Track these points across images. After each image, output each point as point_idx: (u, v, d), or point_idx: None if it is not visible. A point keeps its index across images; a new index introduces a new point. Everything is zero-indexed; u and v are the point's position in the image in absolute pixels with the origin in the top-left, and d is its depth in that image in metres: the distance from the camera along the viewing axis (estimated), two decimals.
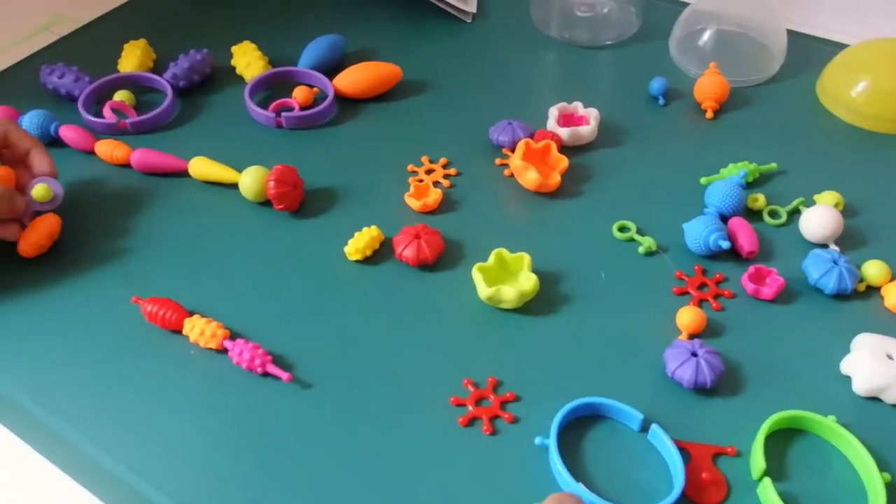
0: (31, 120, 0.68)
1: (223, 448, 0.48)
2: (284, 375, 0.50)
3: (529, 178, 0.62)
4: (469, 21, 0.83)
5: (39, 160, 0.60)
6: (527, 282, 0.54)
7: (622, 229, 0.60)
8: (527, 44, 0.79)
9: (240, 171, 0.63)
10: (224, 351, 0.53)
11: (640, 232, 0.59)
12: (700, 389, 0.49)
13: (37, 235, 0.58)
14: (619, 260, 0.58)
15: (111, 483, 0.47)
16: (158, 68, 0.76)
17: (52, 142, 0.68)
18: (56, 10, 0.86)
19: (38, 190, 0.58)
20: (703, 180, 0.62)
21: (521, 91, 0.74)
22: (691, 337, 0.52)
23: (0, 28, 0.84)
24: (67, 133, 0.67)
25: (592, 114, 0.67)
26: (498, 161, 0.66)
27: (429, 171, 0.65)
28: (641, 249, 0.58)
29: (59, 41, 0.82)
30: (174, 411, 0.50)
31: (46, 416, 0.50)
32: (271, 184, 0.60)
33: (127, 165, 0.66)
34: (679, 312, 0.52)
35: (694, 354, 0.49)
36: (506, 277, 0.56)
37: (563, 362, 0.51)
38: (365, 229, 0.59)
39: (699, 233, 0.56)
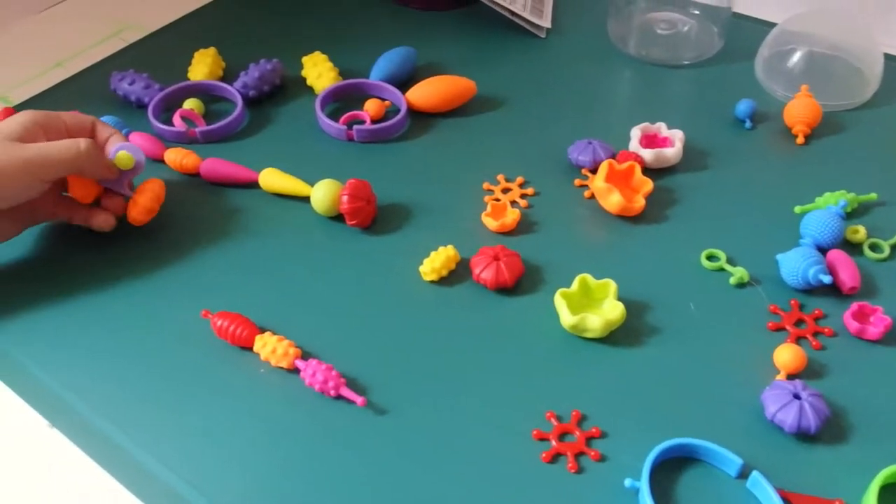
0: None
1: (290, 471, 0.46)
2: (359, 400, 0.48)
3: (613, 200, 0.59)
4: (543, 36, 0.81)
5: (105, 128, 0.60)
6: (613, 310, 0.51)
7: (711, 258, 0.57)
8: (603, 60, 0.77)
9: (310, 183, 0.62)
10: (295, 371, 0.51)
11: (730, 261, 0.56)
12: (803, 435, 0.46)
13: (145, 199, 0.58)
14: (709, 290, 0.55)
15: (170, 498, 0.45)
16: (228, 77, 0.75)
17: None
18: (126, 17, 0.86)
19: (121, 157, 0.58)
20: (797, 209, 0.59)
21: (599, 109, 0.71)
22: (790, 377, 0.49)
23: (70, 34, 0.83)
24: (138, 140, 0.66)
25: (677, 135, 0.64)
26: (577, 182, 0.63)
27: (505, 191, 0.63)
28: (732, 280, 0.55)
29: (128, 48, 0.81)
30: (242, 430, 0.48)
31: (106, 425, 0.48)
32: (345, 198, 0.58)
33: (196, 175, 0.65)
34: (777, 350, 0.49)
35: (797, 397, 0.46)
36: (589, 305, 0.53)
37: (651, 398, 0.48)
38: (441, 249, 0.56)
39: (797, 265, 0.53)
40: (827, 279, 0.52)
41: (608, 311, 0.52)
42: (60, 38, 0.83)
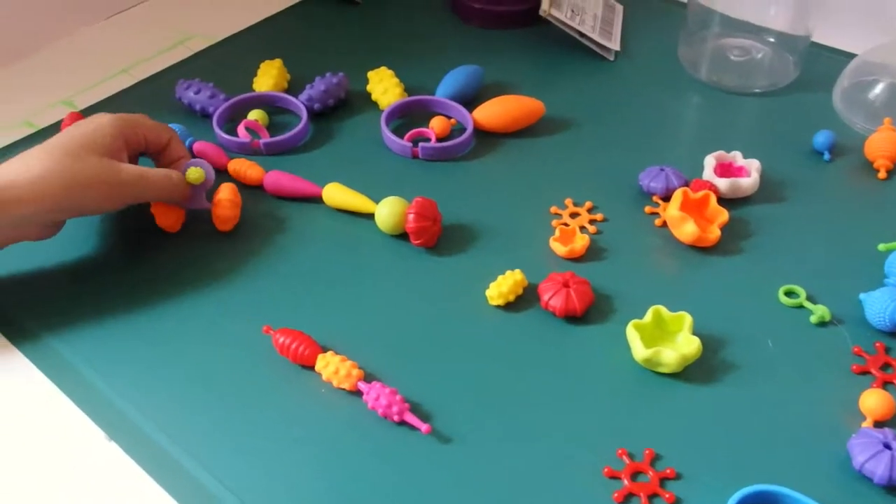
0: None
1: (348, 496, 0.44)
2: (423, 427, 0.46)
3: (687, 230, 0.57)
4: (611, 59, 0.79)
5: (179, 147, 0.61)
6: (689, 345, 0.49)
7: (789, 294, 0.55)
8: (673, 85, 0.75)
9: (373, 200, 0.60)
10: (358, 393, 0.49)
11: (810, 299, 0.54)
12: (894, 488, 0.43)
13: (223, 210, 0.59)
14: (788, 328, 0.52)
15: None
16: (293, 89, 0.74)
17: None
18: (192, 26, 0.86)
19: (191, 173, 0.58)
20: (881, 247, 0.57)
21: (669, 135, 0.69)
22: (878, 424, 0.46)
23: (136, 41, 0.83)
24: (202, 149, 0.66)
25: (754, 165, 0.62)
26: (648, 209, 0.62)
27: (573, 215, 0.61)
28: (813, 319, 0.52)
29: (194, 56, 0.81)
30: (301, 452, 0.47)
31: (162, 439, 0.47)
32: (411, 216, 0.57)
33: (259, 186, 0.64)
34: (863, 395, 0.47)
35: (887, 447, 0.43)
36: (663, 338, 0.51)
37: (729, 439, 0.46)
38: (508, 273, 0.55)
39: (883, 306, 0.51)
40: None
41: (683, 345, 0.50)
42: (126, 45, 0.83)
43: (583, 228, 0.60)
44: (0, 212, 0.51)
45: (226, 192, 0.60)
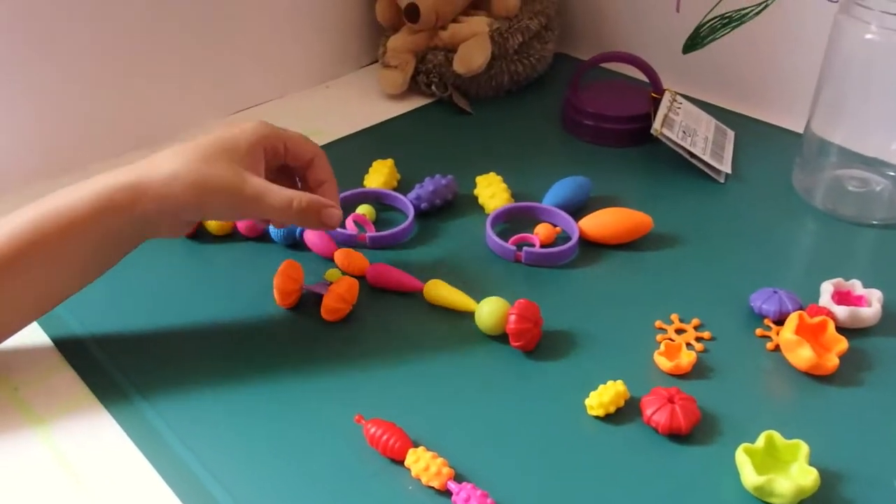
0: (278, 232, 0.68)
1: None
2: None
3: (803, 355, 0.54)
4: (722, 181, 0.78)
5: (323, 169, 0.60)
6: (805, 476, 0.46)
7: None
8: (786, 210, 0.73)
9: (473, 299, 0.60)
10: (447, 493, 0.47)
11: None
12: None
13: (328, 299, 0.59)
14: None
15: None
16: (402, 188, 0.76)
17: (295, 243, 0.68)
18: (312, 125, 0.89)
19: (331, 275, 0.61)
20: None
21: (782, 259, 0.67)
22: None
23: None
24: (312, 238, 0.67)
25: (875, 295, 0.59)
26: (759, 332, 0.59)
27: (679, 331, 0.59)
28: None
29: None
30: None
31: None
32: (512, 318, 0.56)
33: (362, 277, 0.65)
34: None
35: None
36: (775, 467, 0.48)
37: None
38: (610, 383, 0.53)
39: None
40: None
41: (799, 476, 0.46)
42: None
43: (689, 345, 0.58)
44: (126, 208, 0.52)
45: (343, 286, 0.60)
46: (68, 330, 0.60)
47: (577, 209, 0.72)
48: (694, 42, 0.95)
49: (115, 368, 0.56)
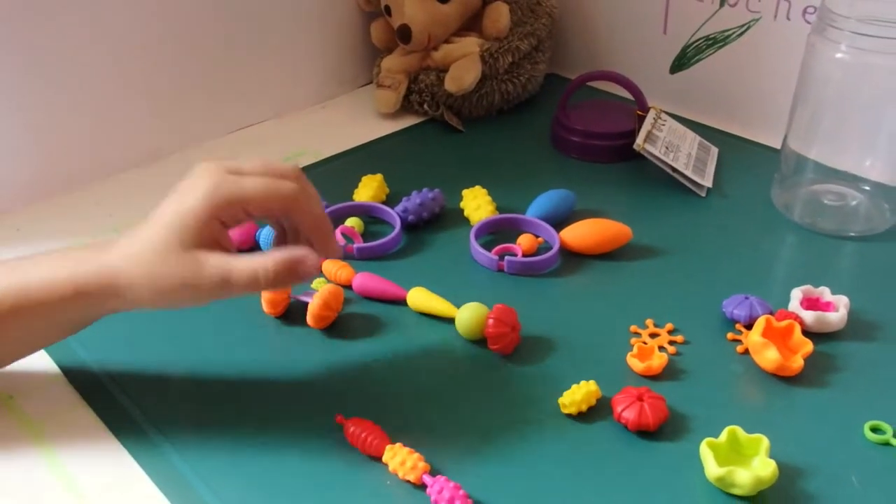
0: (269, 233, 0.70)
1: None
2: None
3: (769, 357, 0.56)
4: (703, 195, 0.80)
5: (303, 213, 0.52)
6: (764, 468, 0.48)
7: (876, 430, 0.52)
8: (765, 224, 0.75)
9: (456, 307, 0.62)
10: (422, 486, 0.49)
11: None
12: None
13: (312, 306, 0.61)
14: (873, 464, 0.50)
15: None
16: (391, 202, 0.78)
17: None
18: (304, 143, 0.92)
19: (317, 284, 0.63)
20: None
21: (758, 270, 0.69)
22: None
23: (251, 153, 0.90)
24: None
25: (842, 301, 0.61)
26: (730, 336, 0.61)
27: (653, 335, 0.61)
28: None
29: (302, 169, 0.86)
30: None
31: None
32: (490, 321, 0.58)
33: (348, 286, 0.67)
34: None
35: None
36: (738, 460, 0.50)
37: None
38: (583, 383, 0.55)
39: None
40: None
41: (759, 468, 0.48)
42: (243, 156, 0.89)
43: (661, 348, 0.60)
44: (100, 302, 0.51)
45: (328, 294, 0.62)
46: None
47: (561, 221, 0.74)
48: (681, 62, 0.98)
49: (102, 372, 0.59)
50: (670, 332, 0.61)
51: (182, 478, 0.51)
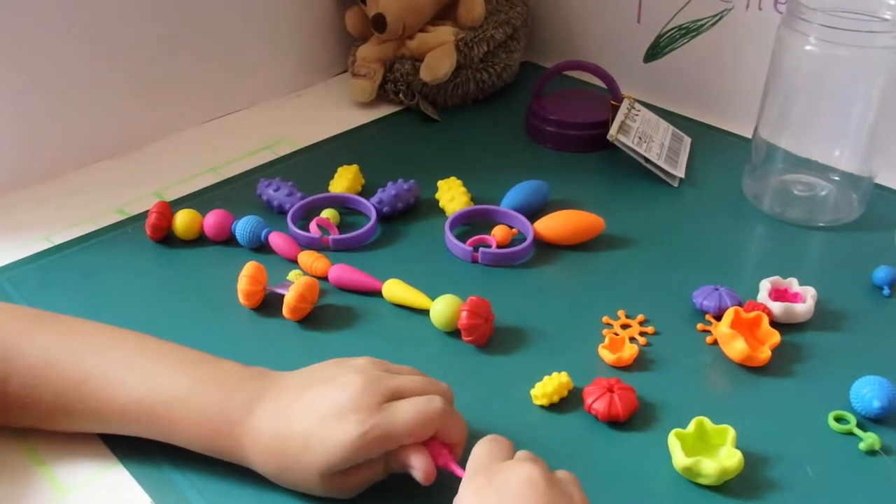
0: (245, 225, 0.70)
1: None
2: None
3: (737, 347, 0.57)
4: (675, 185, 0.81)
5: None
6: (730, 458, 0.49)
7: (839, 420, 0.54)
8: (735, 215, 0.76)
9: (431, 298, 0.63)
10: None
11: (860, 426, 0.53)
12: None
13: (288, 297, 0.62)
14: (835, 453, 0.52)
15: None
16: (366, 193, 0.78)
17: (260, 246, 0.71)
18: (280, 133, 0.92)
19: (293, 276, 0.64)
20: None
21: (728, 260, 0.70)
22: None
23: (226, 143, 0.90)
24: (276, 240, 0.70)
25: (809, 292, 0.63)
26: (700, 326, 0.62)
27: (624, 326, 0.62)
28: (862, 446, 0.51)
29: (278, 159, 0.87)
30: None
31: None
32: (464, 314, 0.59)
33: (324, 278, 0.67)
34: None
35: None
36: (705, 450, 0.51)
37: None
38: (554, 374, 0.56)
39: None
40: None
41: (725, 458, 0.49)
42: (217, 147, 0.89)
43: (632, 339, 0.61)
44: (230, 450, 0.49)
45: (303, 286, 0.62)
46: None
47: (535, 212, 0.74)
48: (654, 51, 0.98)
49: None
50: (641, 324, 0.62)
51: (159, 470, 0.51)
